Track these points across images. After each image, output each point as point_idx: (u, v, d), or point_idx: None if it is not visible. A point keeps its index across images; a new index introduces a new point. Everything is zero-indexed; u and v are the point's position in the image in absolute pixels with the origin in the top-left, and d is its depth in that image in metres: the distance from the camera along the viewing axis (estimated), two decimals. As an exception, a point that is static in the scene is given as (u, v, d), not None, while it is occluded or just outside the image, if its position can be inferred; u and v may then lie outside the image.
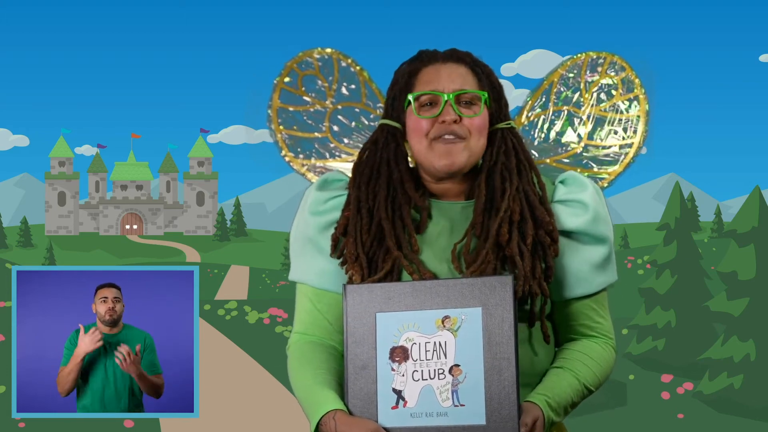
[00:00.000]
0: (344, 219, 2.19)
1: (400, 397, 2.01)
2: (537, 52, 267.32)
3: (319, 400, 2.08)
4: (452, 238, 2.17)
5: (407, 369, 2.01)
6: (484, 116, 2.17)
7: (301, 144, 2.47)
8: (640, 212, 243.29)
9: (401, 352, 2.02)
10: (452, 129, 2.14)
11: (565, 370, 2.17)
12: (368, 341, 2.04)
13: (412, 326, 2.02)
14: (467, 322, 2.00)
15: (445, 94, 2.15)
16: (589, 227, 2.20)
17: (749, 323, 13.94)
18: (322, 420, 2.04)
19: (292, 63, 2.50)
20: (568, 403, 2.14)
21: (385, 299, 2.05)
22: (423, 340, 2.02)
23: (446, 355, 2.00)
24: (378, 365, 2.03)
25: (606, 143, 2.46)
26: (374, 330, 2.04)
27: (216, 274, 44.42)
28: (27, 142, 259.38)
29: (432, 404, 1.99)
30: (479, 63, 2.21)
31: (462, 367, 1.99)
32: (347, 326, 2.06)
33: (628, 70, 2.49)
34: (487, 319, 1.99)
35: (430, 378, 2.00)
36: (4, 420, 11.30)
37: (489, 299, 2.00)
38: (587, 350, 2.21)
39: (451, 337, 2.00)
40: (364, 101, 2.49)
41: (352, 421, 2.02)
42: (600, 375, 2.21)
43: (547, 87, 2.49)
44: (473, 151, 2.16)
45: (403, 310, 2.03)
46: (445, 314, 2.01)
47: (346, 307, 2.07)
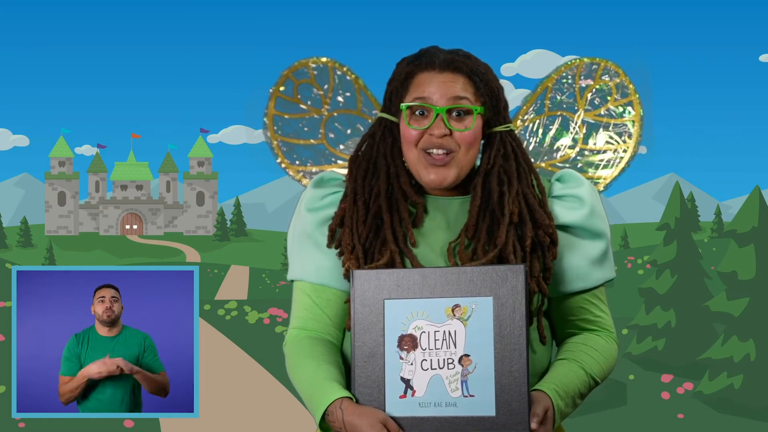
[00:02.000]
0: (341, 210, 2.20)
1: (408, 386, 1.99)
2: (537, 52, 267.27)
3: (324, 390, 2.06)
4: (449, 232, 2.17)
5: (416, 358, 1.99)
6: (476, 129, 2.16)
7: (296, 151, 2.49)
8: (640, 212, 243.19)
9: (410, 340, 2.00)
10: (441, 142, 2.14)
11: (570, 361, 2.17)
12: (376, 328, 2.02)
13: (422, 314, 2.00)
14: (478, 312, 1.98)
15: (436, 107, 2.14)
16: (585, 222, 2.20)
17: (749, 323, 13.93)
18: (328, 410, 2.02)
19: (288, 72, 2.51)
20: (576, 394, 2.13)
21: (393, 286, 2.02)
22: (432, 329, 2.00)
23: (456, 344, 1.98)
24: (386, 353, 2.01)
25: (601, 148, 2.47)
26: (382, 317, 2.02)
27: (216, 274, 44.40)
28: (27, 142, 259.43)
29: (441, 394, 1.97)
30: (477, 71, 2.18)
31: (472, 357, 1.97)
32: (354, 313, 2.04)
33: (622, 75, 2.50)
34: (498, 308, 1.97)
35: (439, 367, 1.98)
36: (4, 420, 11.30)
37: (501, 289, 1.98)
38: (591, 342, 2.22)
39: (461, 327, 1.98)
40: (360, 108, 2.50)
41: (359, 410, 1.99)
42: (605, 366, 2.21)
43: (542, 92, 2.50)
44: (461, 164, 2.15)
45: (412, 297, 2.01)
46: (455, 303, 1.99)
47: (354, 293, 2.05)
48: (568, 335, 2.25)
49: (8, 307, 18.34)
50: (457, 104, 2.14)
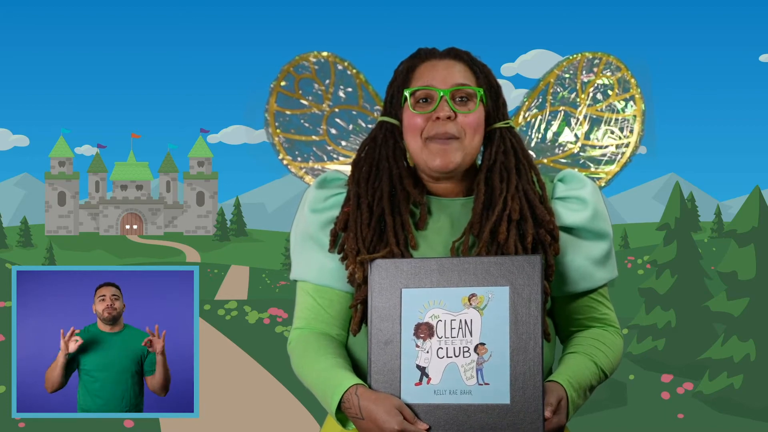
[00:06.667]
0: (344, 215, 2.20)
1: (423, 373, 2.01)
2: (537, 52, 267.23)
3: (337, 379, 2.07)
4: (452, 234, 2.18)
5: (432, 346, 2.01)
6: (479, 114, 2.17)
7: (298, 147, 2.49)
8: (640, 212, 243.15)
9: (426, 328, 2.02)
10: (446, 129, 2.14)
11: (581, 354, 2.19)
12: (393, 317, 2.03)
13: (438, 303, 2.02)
14: (494, 301, 1.99)
15: (440, 90, 2.15)
16: (588, 223, 2.21)
17: (749, 323, 13.94)
18: (344, 397, 2.03)
19: (289, 67, 2.51)
20: (587, 386, 2.15)
21: (411, 275, 2.04)
22: (449, 318, 2.01)
23: (472, 333, 1.99)
24: (402, 341, 2.02)
25: (603, 143, 2.48)
26: (399, 306, 2.03)
27: (216, 274, 44.38)
28: (27, 142, 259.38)
29: (456, 382, 1.98)
30: (477, 61, 2.22)
31: (487, 345, 1.98)
32: (372, 301, 2.06)
33: (624, 70, 2.50)
34: (514, 298, 1.98)
35: (455, 356, 1.99)
36: (4, 420, 11.29)
37: (517, 278, 1.99)
38: (599, 336, 2.23)
39: (477, 315, 2.00)
40: (361, 104, 2.50)
41: (375, 397, 2.01)
42: (613, 360, 2.23)
43: (544, 87, 2.51)
44: (468, 150, 2.17)
45: (429, 286, 2.03)
46: (471, 292, 2.01)
47: (372, 283, 2.07)
48: (573, 332, 2.27)
49: (8, 307, 18.32)
50: (460, 85, 2.16)
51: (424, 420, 1.99)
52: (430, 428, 1.98)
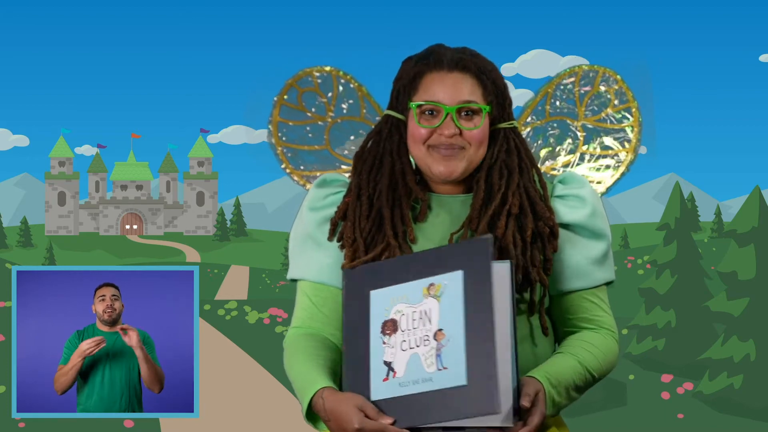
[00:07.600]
0: (344, 204, 2.23)
1: (390, 368, 2.03)
2: (537, 52, 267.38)
3: (309, 382, 2.11)
4: (451, 230, 2.19)
5: (396, 340, 2.03)
6: (485, 128, 2.19)
7: (301, 156, 2.53)
8: (640, 212, 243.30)
9: (391, 324, 2.05)
10: (451, 142, 2.16)
11: (565, 354, 2.19)
12: (363, 319, 2.07)
13: (402, 298, 2.05)
14: (449, 287, 2.01)
15: (446, 107, 2.16)
16: (587, 221, 2.23)
17: (749, 323, 13.95)
18: (313, 400, 2.07)
19: (292, 81, 2.56)
20: (569, 384, 2.14)
21: (378, 276, 2.08)
22: (410, 310, 2.04)
23: (431, 321, 2.01)
24: (371, 340, 2.06)
25: (600, 153, 2.51)
26: (368, 307, 2.07)
27: (216, 274, 44.44)
28: (27, 142, 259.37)
29: (418, 371, 2.00)
30: (485, 70, 2.20)
31: (445, 330, 2.00)
32: (344, 308, 2.11)
33: (620, 83, 2.54)
34: (467, 281, 2.00)
35: (417, 346, 2.01)
36: (4, 420, 11.30)
37: (470, 262, 2.01)
38: (587, 338, 2.23)
39: (435, 303, 2.02)
40: (364, 115, 2.54)
41: (339, 398, 2.04)
42: (603, 361, 2.22)
43: (543, 97, 2.54)
44: (471, 160, 2.19)
45: (393, 284, 2.06)
46: (430, 282, 2.03)
47: (344, 291, 2.11)
48: (566, 334, 2.26)
49: (8, 307, 18.33)
50: (467, 104, 2.16)
51: (391, 414, 2.01)
52: (394, 421, 2.00)
